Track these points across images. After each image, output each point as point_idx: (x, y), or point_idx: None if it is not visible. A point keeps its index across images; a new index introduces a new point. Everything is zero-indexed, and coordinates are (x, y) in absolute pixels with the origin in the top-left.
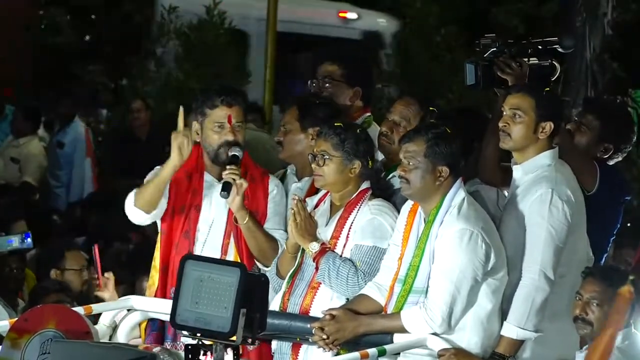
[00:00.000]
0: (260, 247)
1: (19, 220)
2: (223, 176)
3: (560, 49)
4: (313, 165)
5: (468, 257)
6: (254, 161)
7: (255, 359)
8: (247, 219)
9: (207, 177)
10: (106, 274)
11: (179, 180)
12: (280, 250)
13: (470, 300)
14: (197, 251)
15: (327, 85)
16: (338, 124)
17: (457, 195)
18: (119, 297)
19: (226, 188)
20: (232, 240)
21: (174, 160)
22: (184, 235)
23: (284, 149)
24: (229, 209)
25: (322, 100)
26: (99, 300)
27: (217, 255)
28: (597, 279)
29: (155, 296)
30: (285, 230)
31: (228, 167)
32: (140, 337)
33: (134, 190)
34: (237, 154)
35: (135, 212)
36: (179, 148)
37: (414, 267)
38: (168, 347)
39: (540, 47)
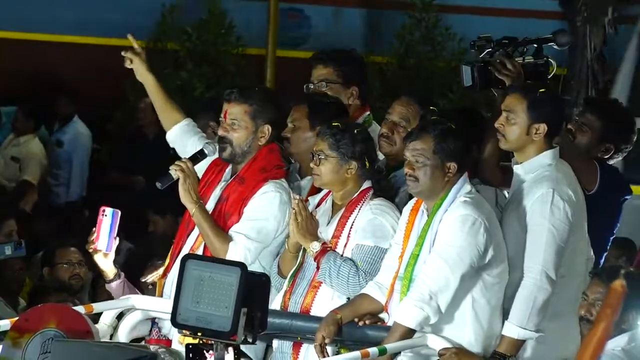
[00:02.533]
0: (209, 243)
1: (9, 220)
2: (170, 167)
3: (556, 47)
4: (311, 164)
5: (467, 241)
6: (265, 166)
7: None
8: (193, 211)
9: (228, 170)
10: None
11: (205, 174)
12: (231, 252)
13: (464, 289)
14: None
15: (324, 88)
16: (335, 124)
17: (463, 188)
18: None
19: (162, 180)
20: None
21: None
22: (185, 225)
23: (291, 145)
24: (215, 204)
25: (332, 99)
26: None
27: (189, 246)
28: (602, 280)
29: (162, 275)
30: (248, 236)
31: (177, 161)
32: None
33: None
34: (205, 149)
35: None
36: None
37: (414, 256)
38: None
39: (535, 45)
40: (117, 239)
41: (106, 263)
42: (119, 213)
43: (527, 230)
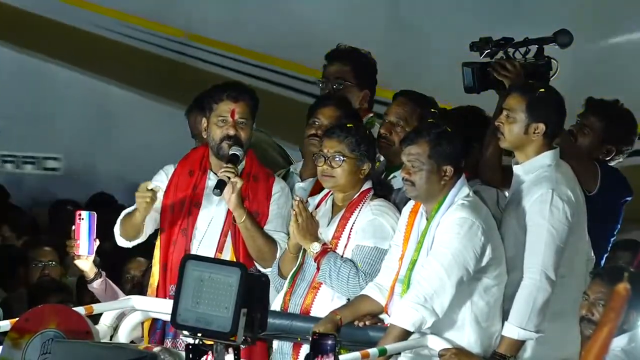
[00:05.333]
0: (258, 248)
1: None
2: (218, 174)
3: (557, 47)
4: (324, 166)
5: (463, 244)
6: (259, 161)
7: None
8: (244, 217)
9: (211, 175)
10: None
11: (180, 178)
12: (279, 253)
13: (463, 292)
14: (194, 249)
15: (338, 86)
16: (350, 125)
17: (461, 191)
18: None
19: (219, 186)
20: (229, 239)
21: (141, 212)
22: (182, 233)
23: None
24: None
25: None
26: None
27: (212, 253)
28: (603, 280)
29: (156, 294)
30: (287, 233)
31: (225, 165)
32: (142, 335)
33: (120, 217)
34: (237, 153)
35: (120, 239)
36: (145, 203)
37: (413, 262)
38: (169, 345)
39: (536, 45)
40: (97, 240)
41: (86, 264)
42: (95, 214)
43: (527, 230)
